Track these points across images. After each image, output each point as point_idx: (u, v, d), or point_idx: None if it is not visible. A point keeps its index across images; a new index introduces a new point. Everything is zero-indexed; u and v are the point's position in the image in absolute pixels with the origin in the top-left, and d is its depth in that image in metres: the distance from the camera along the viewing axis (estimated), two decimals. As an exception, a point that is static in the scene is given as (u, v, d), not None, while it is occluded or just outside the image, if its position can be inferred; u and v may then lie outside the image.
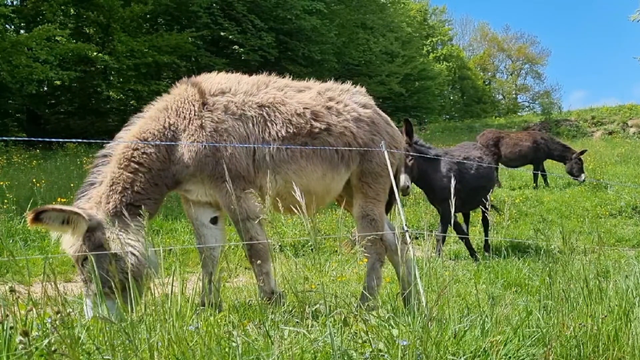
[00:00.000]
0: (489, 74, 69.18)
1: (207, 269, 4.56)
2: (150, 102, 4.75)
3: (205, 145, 4.37)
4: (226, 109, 4.53)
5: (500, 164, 16.48)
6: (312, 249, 9.32)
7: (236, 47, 30.85)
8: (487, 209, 4.58)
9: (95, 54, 23.40)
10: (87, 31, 26.45)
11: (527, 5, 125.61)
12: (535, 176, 16.11)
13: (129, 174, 4.30)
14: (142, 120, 4.56)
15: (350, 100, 5.03)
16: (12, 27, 22.82)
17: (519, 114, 53.98)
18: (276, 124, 4.60)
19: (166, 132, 4.45)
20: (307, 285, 6.35)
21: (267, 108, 4.63)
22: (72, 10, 25.07)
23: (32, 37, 19.81)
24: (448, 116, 59.08)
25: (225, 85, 4.68)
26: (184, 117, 4.48)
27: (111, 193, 4.25)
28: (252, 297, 4.86)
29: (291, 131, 4.63)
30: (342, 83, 5.29)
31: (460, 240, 9.73)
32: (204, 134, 4.41)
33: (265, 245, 4.56)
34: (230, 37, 29.94)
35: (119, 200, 4.23)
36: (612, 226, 11.88)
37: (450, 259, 9.24)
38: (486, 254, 9.38)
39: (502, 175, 17.01)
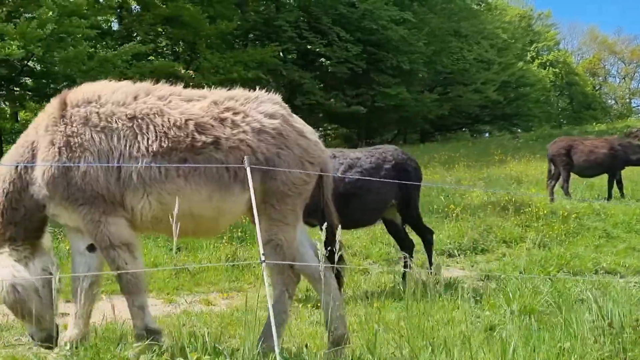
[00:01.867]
0: (600, 78, 65.56)
1: (76, 301, 4.25)
2: None
3: (52, 164, 3.98)
4: (86, 121, 4.08)
5: (572, 173, 15.36)
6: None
7: (323, 59, 31.13)
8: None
9: (183, 71, 24.46)
10: (176, 49, 27.67)
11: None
12: (610, 186, 14.85)
13: None
14: None
15: (254, 111, 4.39)
16: (106, 50, 24.10)
17: (631, 118, 50.59)
18: (148, 138, 4.07)
19: (20, 150, 4.24)
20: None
21: (139, 120, 4.12)
22: (161, 30, 26.31)
23: (119, 55, 20.81)
24: (556, 124, 56.52)
25: (95, 94, 4.23)
26: (40, 133, 4.17)
27: None
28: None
29: (165, 145, 4.08)
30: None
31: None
32: (53, 150, 4.03)
33: (137, 275, 4.11)
34: (317, 50, 30.25)
35: None
36: (690, 242, 10.68)
37: (481, 279, 8.55)
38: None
39: (576, 186, 15.78)
